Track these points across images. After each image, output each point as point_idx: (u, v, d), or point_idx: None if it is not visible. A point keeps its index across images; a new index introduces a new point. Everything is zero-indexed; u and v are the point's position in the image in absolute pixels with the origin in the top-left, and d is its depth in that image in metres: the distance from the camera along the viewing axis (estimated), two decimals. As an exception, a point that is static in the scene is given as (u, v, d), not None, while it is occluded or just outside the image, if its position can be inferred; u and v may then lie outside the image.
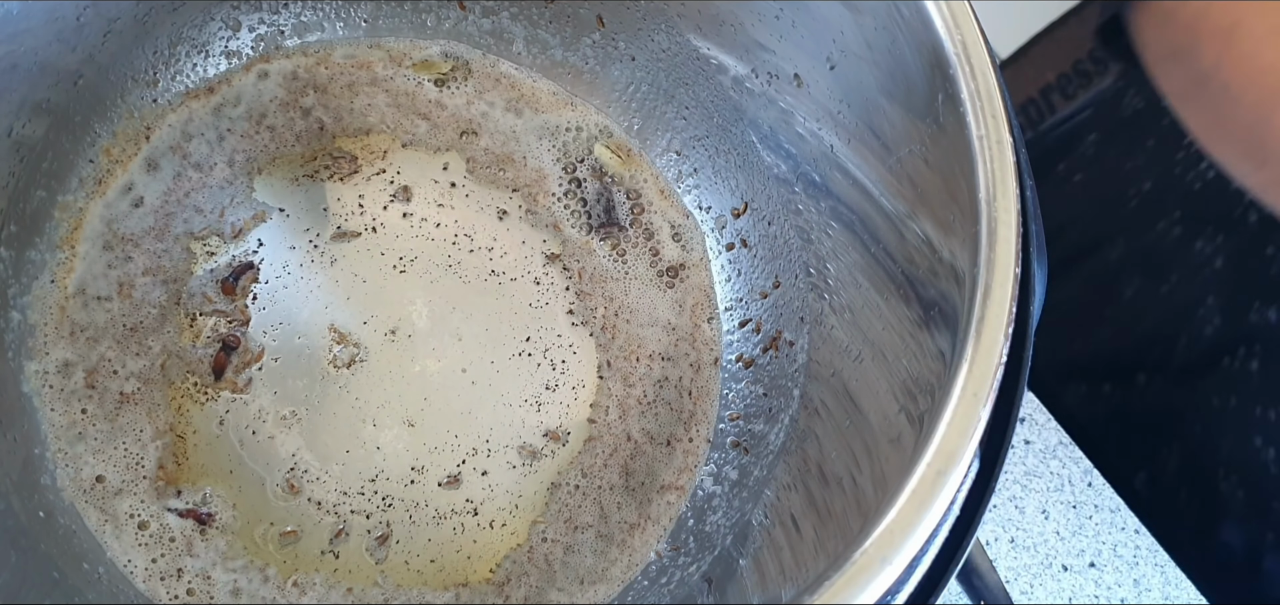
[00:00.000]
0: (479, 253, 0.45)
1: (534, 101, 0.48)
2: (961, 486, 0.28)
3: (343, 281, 0.44)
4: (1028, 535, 0.49)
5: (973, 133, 0.32)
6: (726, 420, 0.44)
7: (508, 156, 0.47)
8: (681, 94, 0.46)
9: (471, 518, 0.41)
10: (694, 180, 0.47)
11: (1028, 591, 0.48)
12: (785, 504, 0.40)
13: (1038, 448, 0.51)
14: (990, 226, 0.30)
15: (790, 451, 0.41)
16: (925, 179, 0.35)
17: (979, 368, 0.28)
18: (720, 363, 0.45)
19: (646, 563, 0.41)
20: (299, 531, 0.40)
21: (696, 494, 0.43)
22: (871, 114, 0.38)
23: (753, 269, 0.46)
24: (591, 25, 0.46)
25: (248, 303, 0.43)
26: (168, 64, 0.44)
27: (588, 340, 0.44)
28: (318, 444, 0.41)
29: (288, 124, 0.46)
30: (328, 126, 0.46)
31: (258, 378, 0.42)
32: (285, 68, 0.46)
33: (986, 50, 0.33)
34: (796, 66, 0.41)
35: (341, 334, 0.43)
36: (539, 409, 0.43)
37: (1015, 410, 0.30)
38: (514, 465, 0.42)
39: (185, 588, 0.38)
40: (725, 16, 0.42)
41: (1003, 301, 0.29)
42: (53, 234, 0.41)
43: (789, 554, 0.38)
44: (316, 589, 0.39)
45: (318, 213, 0.45)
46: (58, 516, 0.38)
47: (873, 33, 0.36)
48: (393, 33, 0.48)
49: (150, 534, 0.39)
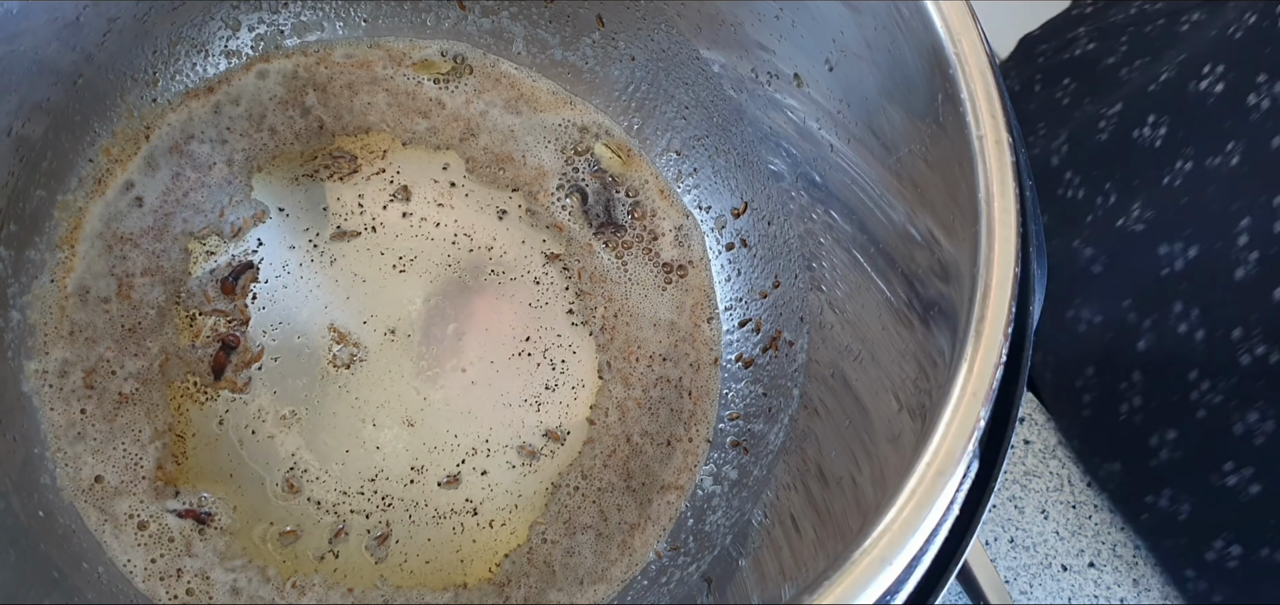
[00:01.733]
0: (479, 252, 0.45)
1: (534, 101, 0.48)
2: (961, 487, 0.28)
3: (342, 281, 0.44)
4: (1027, 535, 0.49)
5: (972, 133, 0.32)
6: (726, 420, 0.44)
7: (507, 156, 0.47)
8: (681, 94, 0.46)
9: (471, 517, 0.41)
10: (694, 180, 0.47)
11: (1027, 591, 0.48)
12: (785, 504, 0.40)
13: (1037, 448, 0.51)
14: (990, 226, 0.30)
15: (790, 451, 0.41)
16: (925, 179, 0.35)
17: (979, 368, 0.28)
18: (720, 363, 0.45)
19: (646, 563, 0.41)
20: (298, 531, 0.40)
21: (696, 494, 0.43)
22: (871, 114, 0.38)
23: (752, 269, 0.46)
24: (591, 25, 0.46)
25: (247, 302, 0.43)
26: (167, 63, 0.44)
27: (587, 340, 0.44)
28: (317, 444, 0.41)
29: (287, 123, 0.46)
30: (327, 126, 0.46)
31: (257, 378, 0.42)
32: (285, 67, 0.46)
33: (986, 50, 0.33)
34: (796, 66, 0.41)
35: (341, 334, 0.43)
36: (539, 409, 0.43)
37: (1015, 410, 0.30)
38: (513, 465, 0.42)
39: (185, 588, 0.38)
40: (725, 16, 0.42)
41: (1002, 301, 0.29)
42: (52, 233, 0.41)
43: (789, 554, 0.38)
44: (316, 590, 0.39)
45: (317, 212, 0.45)
46: (57, 516, 0.38)
47: (873, 33, 0.36)
48: (393, 32, 0.48)
49: (150, 534, 0.39)
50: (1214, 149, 0.43)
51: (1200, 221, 0.43)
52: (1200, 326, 0.43)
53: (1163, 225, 0.45)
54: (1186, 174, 0.44)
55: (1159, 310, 0.45)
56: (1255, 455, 0.42)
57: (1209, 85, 0.43)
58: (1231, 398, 0.42)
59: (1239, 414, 0.42)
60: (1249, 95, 0.41)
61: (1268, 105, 0.41)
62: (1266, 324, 0.40)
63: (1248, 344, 0.41)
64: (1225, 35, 0.44)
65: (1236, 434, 0.42)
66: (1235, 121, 0.42)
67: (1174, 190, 0.44)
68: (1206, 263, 0.43)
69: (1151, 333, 0.45)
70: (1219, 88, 0.43)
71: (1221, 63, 0.43)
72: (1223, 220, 0.42)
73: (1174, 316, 0.44)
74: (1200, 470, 0.44)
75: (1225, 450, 0.43)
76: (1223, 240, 0.42)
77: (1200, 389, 0.43)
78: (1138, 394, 0.46)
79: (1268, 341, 0.41)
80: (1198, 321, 0.43)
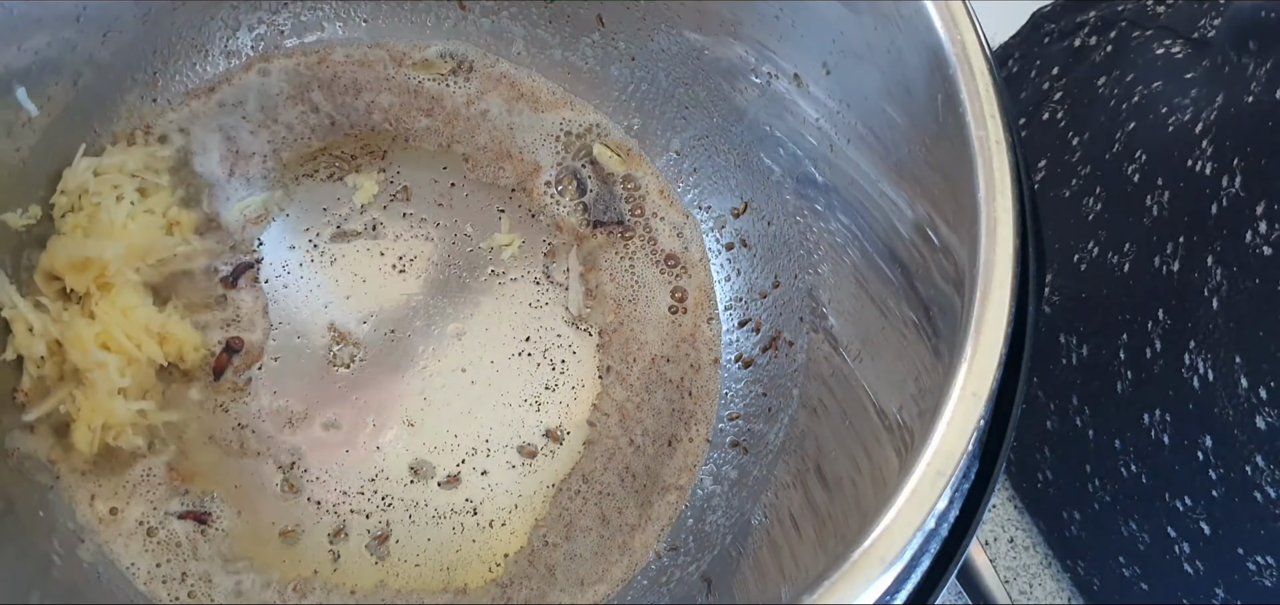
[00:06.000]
0: (479, 252, 0.45)
1: (534, 101, 0.48)
2: (961, 486, 0.28)
3: (343, 281, 0.44)
4: (1027, 535, 0.49)
5: (972, 133, 0.32)
6: (726, 420, 0.44)
7: (507, 156, 0.47)
8: (681, 94, 0.46)
9: (471, 517, 0.41)
10: (694, 180, 0.47)
11: (1027, 591, 0.48)
12: (784, 504, 0.40)
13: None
14: (990, 226, 0.30)
15: (789, 451, 0.41)
16: (925, 179, 0.35)
17: (979, 368, 0.28)
18: (720, 363, 0.45)
19: (646, 563, 0.41)
20: (299, 530, 0.40)
21: (696, 494, 0.43)
22: (871, 114, 0.38)
23: (752, 269, 0.46)
24: (591, 25, 0.46)
25: (248, 303, 0.43)
26: (167, 64, 0.44)
27: (587, 340, 0.44)
28: (318, 444, 0.41)
29: (287, 124, 0.46)
30: (328, 126, 0.46)
31: (258, 378, 0.42)
32: (285, 67, 0.46)
33: (986, 50, 0.33)
34: (796, 66, 0.41)
35: (341, 334, 0.43)
36: (539, 409, 0.43)
37: (1015, 410, 0.30)
38: (513, 465, 0.42)
39: (186, 592, 0.38)
40: (725, 17, 0.42)
41: (1002, 301, 0.29)
42: (52, 234, 0.41)
43: (788, 554, 0.38)
44: (317, 592, 0.39)
45: (318, 213, 0.45)
46: (57, 516, 0.38)
47: (873, 33, 0.36)
48: (393, 32, 0.48)
49: (150, 534, 0.39)
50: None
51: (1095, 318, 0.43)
52: (1091, 426, 0.43)
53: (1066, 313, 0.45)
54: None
55: (1059, 397, 0.45)
56: (1140, 558, 0.43)
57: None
58: (1116, 501, 0.43)
59: (1124, 519, 0.43)
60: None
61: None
62: (1138, 445, 0.41)
63: (1123, 458, 0.42)
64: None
65: (1124, 535, 0.43)
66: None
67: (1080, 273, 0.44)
68: (1094, 362, 0.43)
69: (1056, 417, 0.45)
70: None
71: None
72: (1110, 327, 0.42)
73: (1072, 408, 0.44)
74: (1102, 555, 0.45)
75: (1118, 545, 0.43)
76: (1106, 348, 0.42)
77: (1093, 483, 0.44)
78: (1049, 469, 0.46)
79: (1139, 461, 0.41)
80: (1088, 419, 0.44)
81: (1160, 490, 0.40)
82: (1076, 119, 0.47)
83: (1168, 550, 0.41)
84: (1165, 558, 0.41)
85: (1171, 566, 0.41)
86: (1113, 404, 0.42)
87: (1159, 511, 0.41)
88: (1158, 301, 0.39)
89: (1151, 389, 0.40)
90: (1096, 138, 0.45)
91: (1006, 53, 0.54)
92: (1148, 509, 0.41)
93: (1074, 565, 0.47)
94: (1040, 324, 0.37)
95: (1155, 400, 0.40)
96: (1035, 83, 0.51)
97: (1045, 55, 0.52)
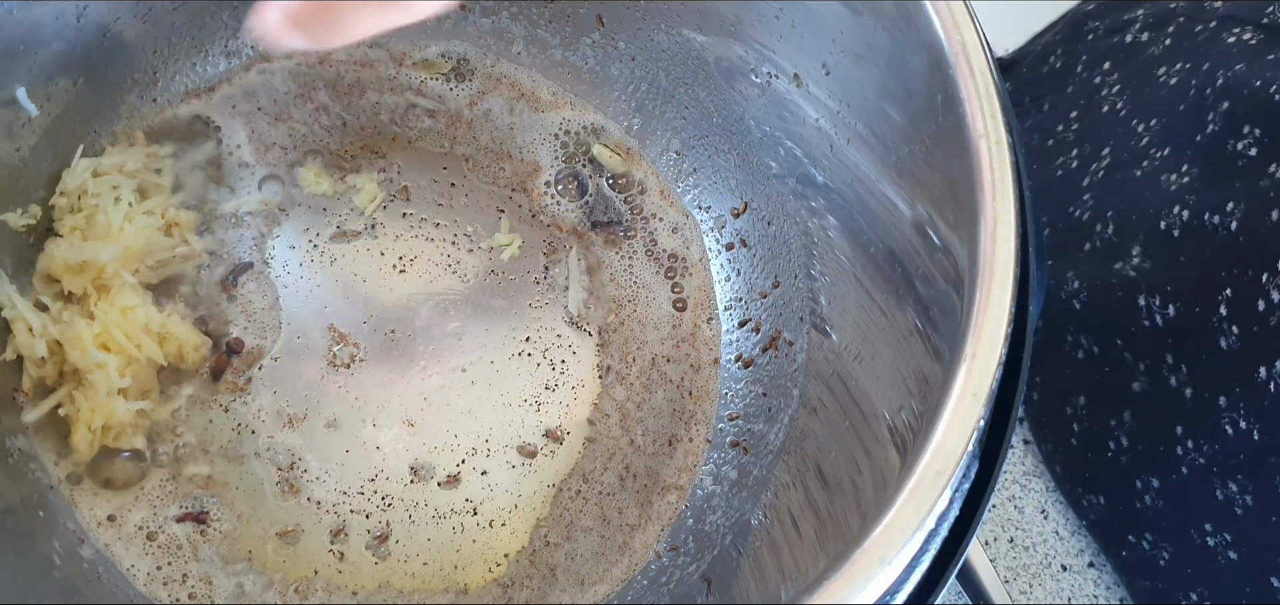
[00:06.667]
0: (479, 253, 0.45)
1: (534, 101, 0.48)
2: (961, 486, 0.28)
3: (343, 281, 0.44)
4: (1027, 535, 0.49)
5: (972, 133, 0.32)
6: (726, 420, 0.44)
7: (507, 156, 0.47)
8: (681, 94, 0.46)
9: (471, 517, 0.41)
10: (694, 180, 0.47)
11: (1027, 591, 0.48)
12: (784, 504, 0.40)
13: (1037, 448, 0.51)
14: (990, 226, 0.30)
15: (789, 451, 0.41)
16: (925, 179, 0.35)
17: (978, 368, 0.28)
18: (720, 363, 0.45)
19: (646, 563, 0.41)
20: (299, 531, 0.40)
21: (696, 494, 0.43)
22: (871, 114, 0.38)
23: (752, 269, 0.46)
24: (591, 25, 0.46)
25: (248, 303, 0.43)
26: (167, 64, 0.44)
27: (587, 340, 0.44)
28: (317, 444, 0.41)
29: (288, 123, 0.46)
30: (328, 126, 0.46)
31: (258, 378, 0.42)
32: (285, 67, 0.46)
33: (986, 50, 0.33)
34: (796, 66, 0.41)
35: (341, 334, 0.43)
36: (539, 409, 0.43)
37: (1015, 410, 0.30)
38: (513, 465, 0.42)
39: (187, 593, 0.38)
40: (725, 16, 0.42)
41: (1002, 301, 0.29)
42: (52, 234, 0.41)
43: (788, 554, 0.38)
44: (318, 592, 0.39)
45: (318, 213, 0.45)
46: (57, 516, 0.38)
47: (873, 33, 0.36)
48: (393, 32, 0.48)
49: (150, 536, 0.39)
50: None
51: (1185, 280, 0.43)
52: (1188, 385, 0.43)
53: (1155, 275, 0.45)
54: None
55: (1150, 357, 0.45)
56: (1235, 524, 0.42)
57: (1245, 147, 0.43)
58: (1213, 463, 0.42)
59: (1221, 481, 0.42)
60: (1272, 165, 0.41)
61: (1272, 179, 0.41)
62: (1249, 400, 0.40)
63: (1228, 415, 0.41)
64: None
65: (1218, 499, 0.42)
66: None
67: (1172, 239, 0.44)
68: (1188, 322, 0.43)
69: (1145, 378, 0.45)
70: (1253, 152, 0.43)
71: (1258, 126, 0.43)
72: (1209, 284, 0.42)
73: (1166, 367, 0.44)
74: (1182, 524, 0.44)
75: (1206, 511, 0.43)
76: (1202, 305, 0.42)
77: (1185, 446, 0.43)
78: (1126, 435, 0.46)
79: (1251, 417, 0.41)
80: (1186, 378, 0.43)
81: (1276, 446, 0.40)
82: (1140, 108, 0.48)
83: (1276, 510, 0.40)
84: (1270, 519, 0.41)
85: (1276, 530, 0.41)
86: (1217, 361, 0.42)
87: (1272, 468, 0.40)
88: (1277, 254, 0.40)
89: (1269, 341, 0.40)
90: (1177, 122, 0.46)
91: (1048, 51, 0.54)
92: (1257, 467, 0.41)
93: (1139, 539, 0.46)
94: (1038, 327, 0.37)
95: (1274, 352, 0.39)
96: (1083, 78, 0.52)
97: (1091, 52, 0.52)
